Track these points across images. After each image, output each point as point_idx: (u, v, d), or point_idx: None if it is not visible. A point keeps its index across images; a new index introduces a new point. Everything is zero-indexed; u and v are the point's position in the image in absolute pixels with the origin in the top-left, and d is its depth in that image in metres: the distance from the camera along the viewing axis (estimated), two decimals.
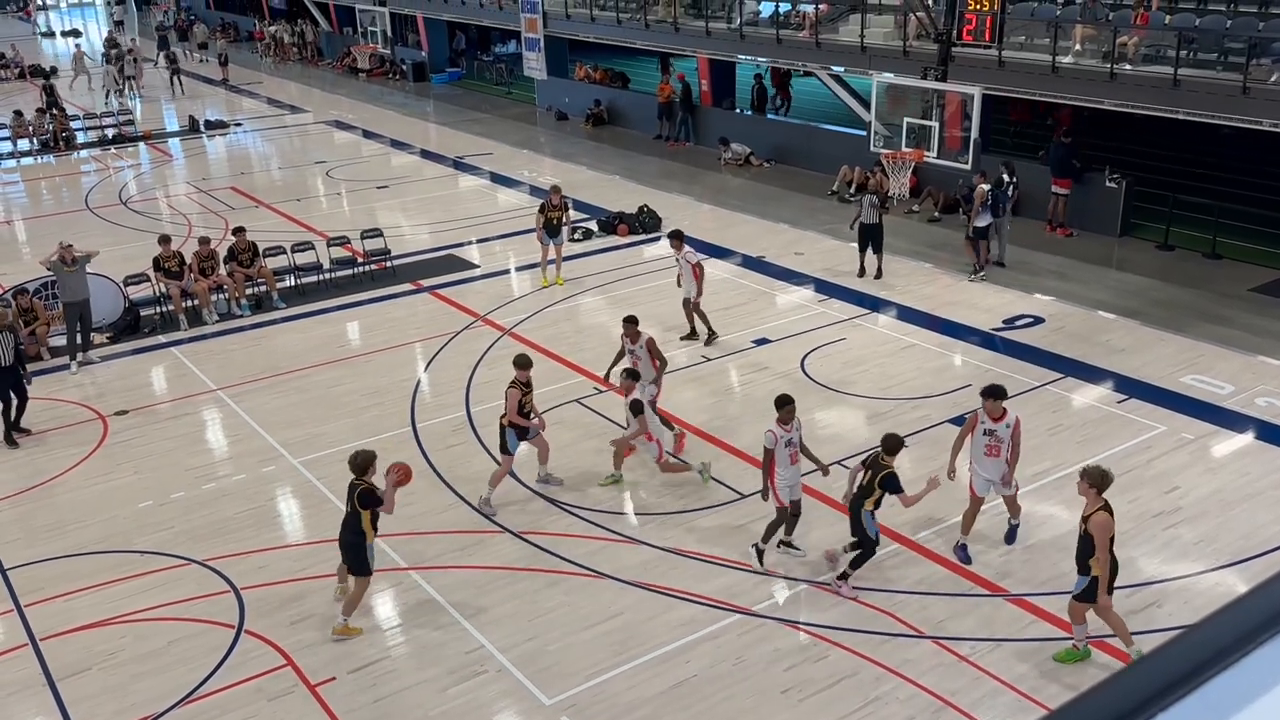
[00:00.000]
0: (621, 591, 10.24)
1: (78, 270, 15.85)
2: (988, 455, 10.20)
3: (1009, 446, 10.17)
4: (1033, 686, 8.80)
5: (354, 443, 13.31)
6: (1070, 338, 15.73)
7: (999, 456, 10.18)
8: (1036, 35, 20.40)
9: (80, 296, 15.85)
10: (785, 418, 10.17)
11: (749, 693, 8.87)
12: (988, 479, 10.32)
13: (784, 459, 10.18)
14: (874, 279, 18.22)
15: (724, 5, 27.36)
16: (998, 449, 10.15)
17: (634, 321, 12.89)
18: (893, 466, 9.60)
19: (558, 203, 18.35)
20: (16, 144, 30.81)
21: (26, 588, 10.67)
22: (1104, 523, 8.54)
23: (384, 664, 9.39)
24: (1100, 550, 8.53)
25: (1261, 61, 16.96)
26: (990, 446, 10.17)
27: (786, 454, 10.17)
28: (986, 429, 10.16)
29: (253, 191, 25.98)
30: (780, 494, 10.29)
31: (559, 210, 18.30)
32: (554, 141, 30.72)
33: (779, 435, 10.13)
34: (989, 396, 10.16)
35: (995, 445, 10.15)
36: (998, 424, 10.13)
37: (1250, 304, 16.87)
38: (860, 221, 18.10)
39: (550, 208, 18.27)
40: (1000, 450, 10.16)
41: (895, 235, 20.66)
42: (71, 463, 13.23)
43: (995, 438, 10.14)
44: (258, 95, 40.02)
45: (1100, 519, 8.56)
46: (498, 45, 43.69)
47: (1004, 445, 10.14)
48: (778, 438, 10.13)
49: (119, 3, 71.56)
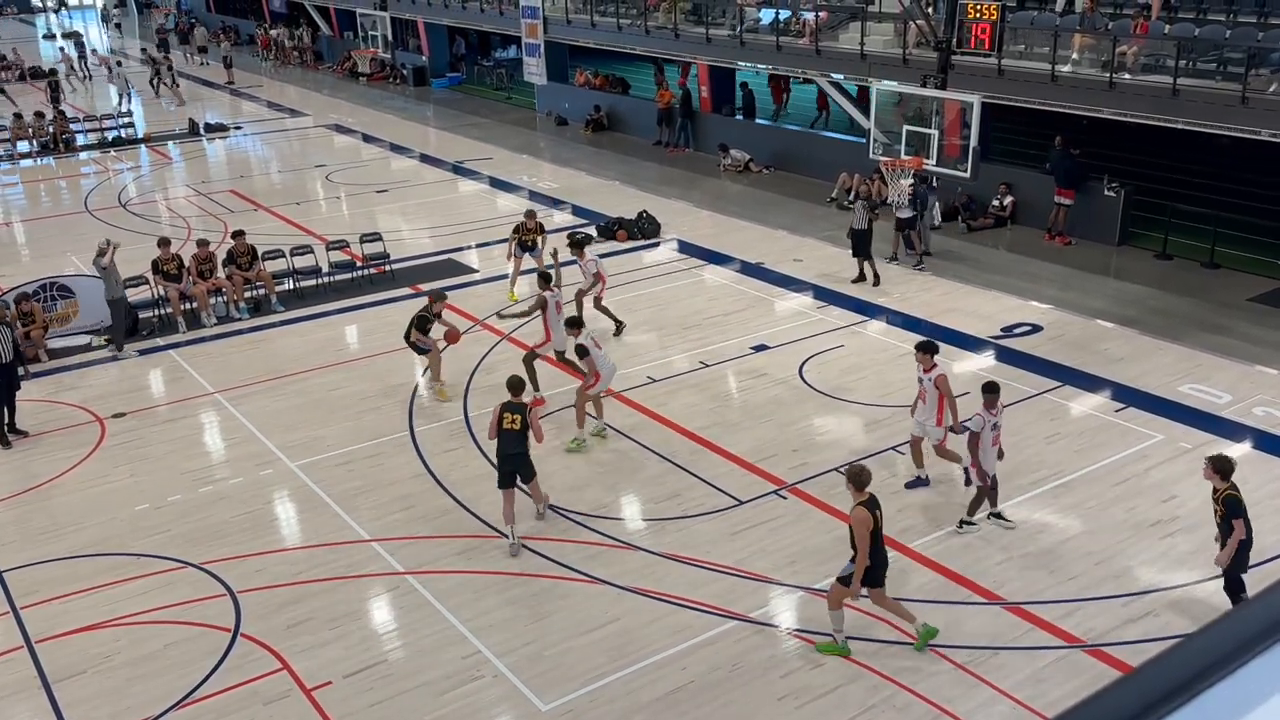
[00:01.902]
0: (618, 597, 10.23)
1: (113, 266, 16.29)
2: (920, 401, 11.66)
3: (936, 396, 11.41)
4: (1029, 695, 8.79)
5: (352, 446, 13.38)
6: (1068, 346, 15.74)
7: (925, 403, 11.52)
8: (1036, 44, 20.43)
9: (119, 293, 16.47)
10: (990, 403, 10.74)
11: (745, 699, 8.86)
12: (918, 421, 11.70)
13: (987, 440, 10.75)
14: (871, 285, 18.28)
15: (724, 12, 27.41)
16: (924, 396, 11.52)
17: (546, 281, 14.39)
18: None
19: (532, 226, 18.34)
20: (16, 146, 30.80)
21: (22, 590, 10.66)
22: (862, 518, 8.93)
23: (380, 668, 9.38)
24: (860, 543, 8.93)
25: (1260, 71, 16.99)
26: (920, 393, 11.60)
27: (990, 436, 10.75)
28: (919, 377, 11.59)
29: (252, 195, 25.99)
30: (985, 466, 10.82)
31: (534, 234, 18.31)
32: (553, 147, 30.75)
33: (986, 419, 10.69)
34: (919, 350, 11.61)
35: (922, 393, 11.55)
36: (926, 374, 11.47)
37: (1248, 313, 16.89)
38: (851, 227, 18.34)
39: (525, 230, 18.29)
40: (926, 398, 11.49)
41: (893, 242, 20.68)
42: (68, 465, 13.22)
43: (922, 385, 11.53)
44: (258, 99, 40.04)
45: (858, 514, 8.96)
46: (498, 50, 43.72)
47: (929, 394, 11.44)
48: (985, 421, 10.69)
49: (119, 5, 71.70)
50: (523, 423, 10.87)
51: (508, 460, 10.91)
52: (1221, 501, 9.31)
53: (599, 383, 12.97)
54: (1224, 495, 9.30)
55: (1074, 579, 10.33)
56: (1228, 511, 9.26)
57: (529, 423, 10.90)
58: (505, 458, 10.91)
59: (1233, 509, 9.24)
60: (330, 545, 11.30)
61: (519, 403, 11.00)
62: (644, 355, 15.86)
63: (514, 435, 10.86)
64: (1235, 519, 9.21)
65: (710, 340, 16.30)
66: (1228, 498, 9.27)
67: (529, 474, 11.16)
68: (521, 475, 11.10)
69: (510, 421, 10.86)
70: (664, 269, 19.81)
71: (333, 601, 10.31)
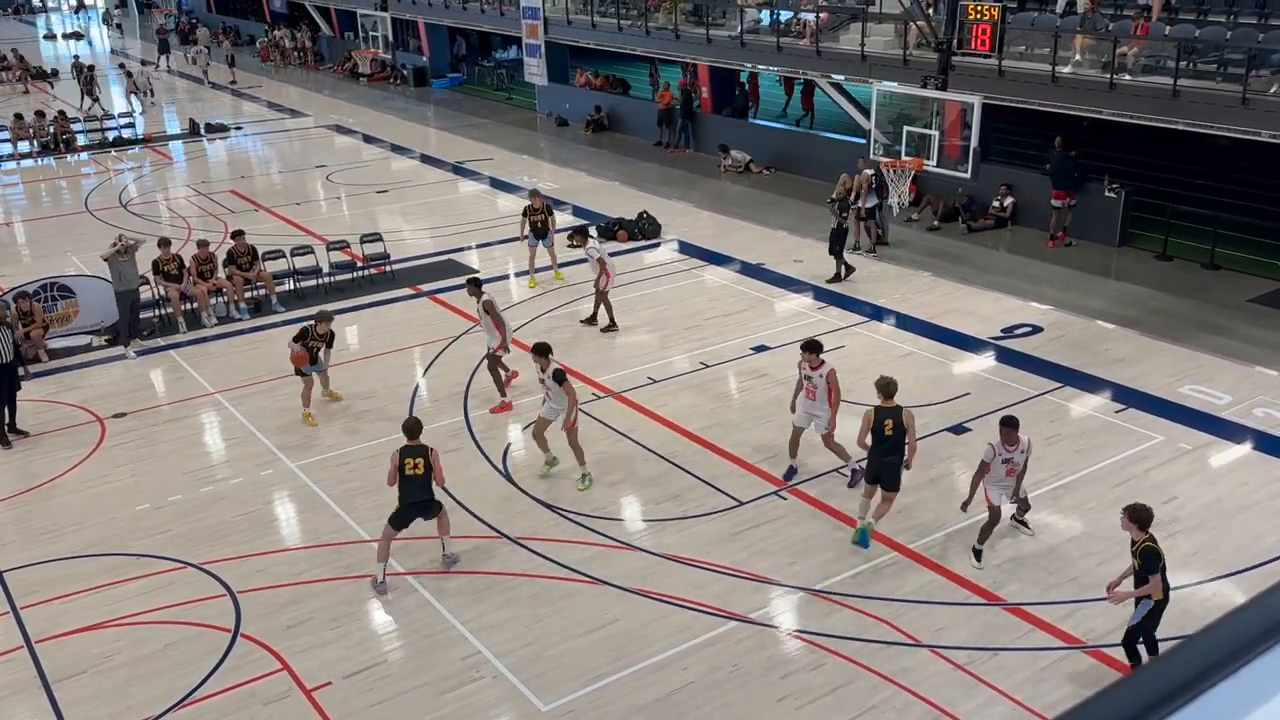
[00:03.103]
0: (618, 598, 10.23)
1: (130, 260, 16.26)
2: (807, 397, 12.14)
3: (826, 390, 11.98)
4: (1029, 696, 8.79)
5: (351, 447, 13.38)
6: (1069, 347, 15.74)
7: (814, 399, 12.05)
8: (1037, 45, 20.43)
9: (134, 285, 16.44)
10: (1006, 436, 10.40)
11: (745, 700, 8.86)
12: (808, 414, 12.18)
13: (998, 473, 10.47)
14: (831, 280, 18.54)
15: (724, 12, 27.41)
16: (814, 393, 12.02)
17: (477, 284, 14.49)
18: None
19: (539, 206, 18.60)
20: (17, 146, 30.81)
21: (23, 590, 10.66)
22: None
23: (380, 669, 9.38)
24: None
25: (1261, 72, 16.99)
26: (809, 390, 12.06)
27: (1002, 469, 10.45)
28: (805, 375, 12.04)
29: (252, 195, 26.00)
30: (991, 496, 10.58)
31: (541, 213, 18.51)
32: (554, 147, 30.75)
33: (997, 451, 10.41)
34: (806, 350, 12.06)
35: (812, 390, 12.04)
36: (814, 372, 11.94)
37: (1249, 314, 16.89)
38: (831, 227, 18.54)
39: (533, 211, 18.55)
40: (815, 394, 12.01)
41: (894, 243, 20.73)
42: (69, 465, 13.22)
43: (811, 383, 12.00)
44: (258, 99, 40.05)
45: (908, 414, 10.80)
46: (499, 51, 43.73)
47: (819, 389, 11.98)
48: (995, 453, 10.41)
49: (119, 6, 71.69)
50: (425, 465, 10.20)
51: (412, 508, 10.31)
52: (1139, 555, 8.67)
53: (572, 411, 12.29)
54: (1141, 547, 8.68)
55: (1074, 579, 10.33)
56: (1144, 565, 8.61)
57: (431, 465, 10.24)
58: (409, 506, 10.29)
59: (1149, 563, 8.58)
60: (330, 545, 11.30)
61: (419, 445, 10.29)
62: (644, 356, 15.86)
63: (418, 481, 10.21)
64: (1151, 575, 8.57)
65: (711, 341, 16.30)
66: (1145, 550, 8.64)
67: (433, 514, 10.54)
68: (424, 517, 10.51)
69: (413, 467, 10.17)
70: (664, 269, 19.82)
71: (333, 602, 10.31)
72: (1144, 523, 8.74)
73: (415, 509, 10.37)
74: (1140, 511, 8.77)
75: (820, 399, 11.99)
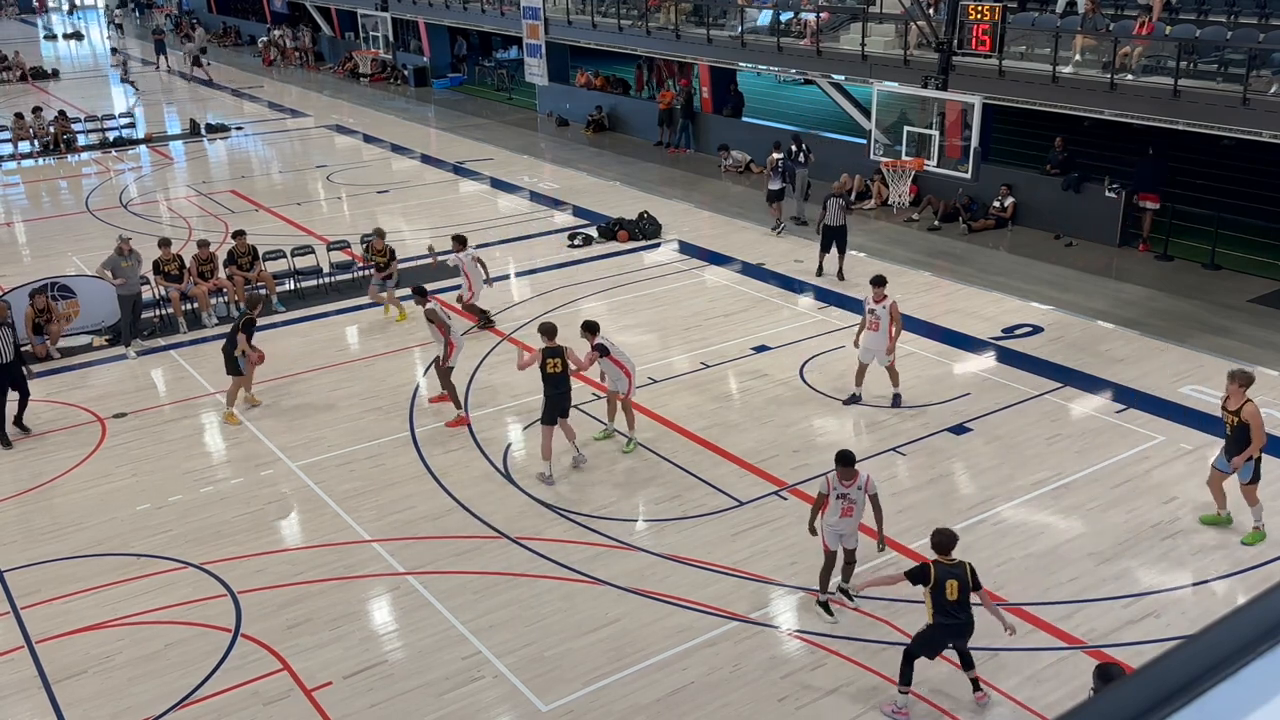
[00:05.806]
0: (619, 598, 10.23)
1: (133, 264, 16.38)
2: (870, 329, 13.52)
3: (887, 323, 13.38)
4: (1029, 696, 8.79)
5: (352, 446, 13.38)
6: (1069, 347, 15.74)
7: (876, 331, 13.46)
8: (1037, 45, 20.44)
9: (136, 289, 16.60)
10: (841, 474, 9.57)
11: (745, 700, 8.86)
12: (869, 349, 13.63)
13: (834, 511, 9.64)
14: (837, 279, 18.54)
15: (724, 12, 27.40)
16: (877, 324, 13.47)
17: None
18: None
19: (381, 248, 17.89)
20: (17, 146, 30.81)
21: (23, 589, 10.66)
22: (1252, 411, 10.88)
23: (380, 669, 9.38)
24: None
25: (1261, 72, 16.99)
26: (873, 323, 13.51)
27: (839, 507, 9.61)
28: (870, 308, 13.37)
29: (253, 195, 26.00)
30: (827, 539, 9.78)
31: (382, 255, 17.85)
32: (554, 147, 30.75)
33: (833, 486, 9.59)
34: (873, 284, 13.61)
35: (875, 322, 13.49)
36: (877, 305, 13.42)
37: (1249, 315, 16.88)
38: (824, 223, 18.50)
39: (375, 252, 17.88)
40: (879, 325, 13.40)
41: (895, 244, 20.75)
42: (70, 465, 13.22)
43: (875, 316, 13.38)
44: (259, 99, 40.05)
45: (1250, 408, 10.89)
46: (499, 51, 43.72)
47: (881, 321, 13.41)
48: (830, 488, 9.60)
49: (120, 5, 71.70)
50: (563, 364, 12.12)
51: (559, 399, 12.24)
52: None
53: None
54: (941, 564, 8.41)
55: (1075, 580, 10.33)
56: (910, 578, 8.44)
57: (568, 362, 12.19)
58: (556, 398, 12.21)
59: (914, 577, 8.42)
60: (331, 545, 11.30)
61: (556, 346, 12.19)
62: (645, 356, 15.84)
63: (558, 376, 12.12)
64: (918, 584, 8.40)
65: (711, 341, 16.30)
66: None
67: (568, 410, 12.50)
68: (563, 415, 12.37)
69: (553, 366, 12.08)
70: (665, 270, 19.81)
71: (333, 602, 10.31)
72: (946, 548, 8.45)
73: (561, 400, 12.28)
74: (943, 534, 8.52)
75: (882, 330, 13.32)
